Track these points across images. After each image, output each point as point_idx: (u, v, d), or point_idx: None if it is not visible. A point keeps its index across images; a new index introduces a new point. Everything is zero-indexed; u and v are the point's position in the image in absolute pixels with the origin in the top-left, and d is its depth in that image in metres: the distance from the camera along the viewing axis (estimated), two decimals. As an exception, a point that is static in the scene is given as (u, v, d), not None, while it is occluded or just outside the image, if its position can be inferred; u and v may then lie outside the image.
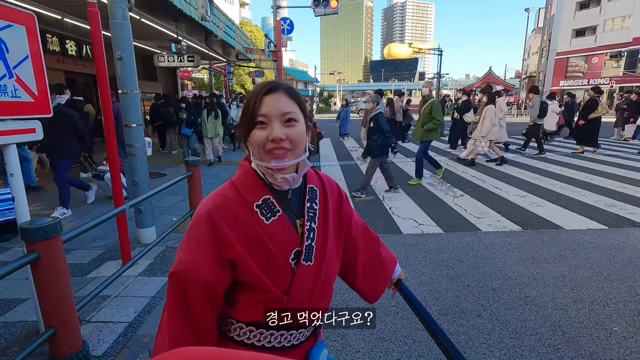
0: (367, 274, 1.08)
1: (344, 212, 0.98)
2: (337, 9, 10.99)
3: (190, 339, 0.78)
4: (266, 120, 0.79)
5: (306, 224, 0.86)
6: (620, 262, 3.25)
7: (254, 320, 0.83)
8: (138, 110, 3.55)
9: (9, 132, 1.86)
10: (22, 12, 1.89)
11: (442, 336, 0.90)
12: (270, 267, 0.81)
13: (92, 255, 3.45)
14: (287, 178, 0.82)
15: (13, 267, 1.47)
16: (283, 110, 0.80)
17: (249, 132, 0.82)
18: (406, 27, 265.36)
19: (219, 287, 0.79)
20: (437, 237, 3.92)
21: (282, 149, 0.79)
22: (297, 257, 0.84)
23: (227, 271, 0.79)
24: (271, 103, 0.80)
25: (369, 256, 1.08)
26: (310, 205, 0.89)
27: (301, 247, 0.85)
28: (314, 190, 0.92)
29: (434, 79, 31.71)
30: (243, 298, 0.83)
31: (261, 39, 24.18)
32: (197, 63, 9.53)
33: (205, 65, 16.55)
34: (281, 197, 0.86)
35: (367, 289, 1.09)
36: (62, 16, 7.01)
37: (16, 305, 2.61)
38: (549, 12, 39.92)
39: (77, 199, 5.21)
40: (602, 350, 2.11)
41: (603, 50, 31.63)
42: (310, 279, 0.85)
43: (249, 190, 0.83)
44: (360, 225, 1.08)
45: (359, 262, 1.05)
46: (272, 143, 0.78)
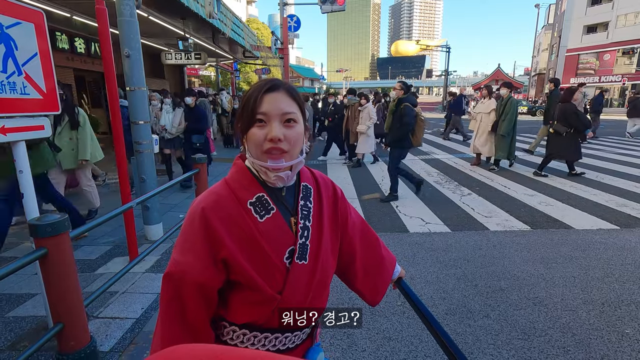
0: (367, 275, 1.06)
1: (339, 211, 0.96)
2: (344, 6, 10.94)
3: (185, 341, 0.77)
4: (265, 118, 0.78)
5: (300, 222, 0.85)
6: (632, 262, 3.19)
7: (247, 322, 0.81)
8: (145, 107, 3.57)
9: (19, 129, 1.87)
10: (31, 10, 1.90)
11: (442, 333, 0.89)
12: (264, 266, 0.79)
13: (100, 252, 3.49)
14: (282, 176, 0.81)
15: (22, 263, 1.49)
16: (283, 110, 0.78)
17: (248, 130, 0.80)
18: (413, 24, 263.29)
19: (213, 287, 0.78)
20: (445, 236, 3.88)
21: (279, 150, 0.77)
22: (292, 256, 0.82)
23: (220, 270, 0.78)
24: (272, 102, 0.78)
25: (368, 256, 1.06)
26: (304, 204, 0.87)
27: (295, 246, 0.83)
28: (308, 188, 0.90)
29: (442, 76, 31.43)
30: (236, 298, 0.81)
31: (268, 36, 24.16)
32: (204, 60, 9.57)
33: (212, 63, 16.61)
34: (276, 195, 0.84)
35: (367, 290, 1.07)
36: (71, 14, 7.08)
37: (26, 300, 2.65)
38: (559, 8, 39.29)
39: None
40: (614, 353, 2.06)
41: (615, 46, 31.06)
42: (304, 279, 0.84)
43: (243, 188, 0.82)
44: (359, 224, 1.06)
45: (357, 262, 1.03)
46: (270, 143, 0.77)
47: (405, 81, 5.34)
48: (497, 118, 6.80)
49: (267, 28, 33.01)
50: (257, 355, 0.36)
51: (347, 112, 7.77)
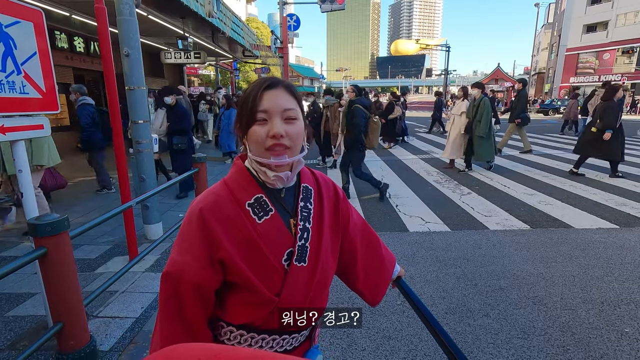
0: (368, 276, 1.05)
1: (341, 212, 0.96)
2: (343, 5, 10.94)
3: (183, 340, 0.77)
4: (266, 116, 0.78)
5: (299, 223, 0.84)
6: (631, 262, 3.19)
7: (244, 322, 0.81)
8: (145, 106, 3.57)
9: (18, 128, 1.87)
10: (30, 9, 1.89)
11: (442, 333, 0.88)
12: (262, 268, 0.79)
13: (100, 251, 3.49)
14: (281, 176, 0.80)
15: (22, 262, 1.49)
16: (284, 107, 0.78)
17: (248, 128, 0.79)
18: (413, 23, 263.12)
19: (210, 287, 0.78)
20: (444, 235, 3.88)
21: (281, 146, 0.77)
22: (290, 258, 0.82)
23: (218, 271, 0.78)
24: (272, 98, 0.78)
25: (369, 257, 1.05)
26: (305, 205, 0.86)
27: (294, 248, 0.82)
28: (309, 189, 0.89)
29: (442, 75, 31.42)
30: (233, 299, 0.81)
31: (267, 35, 24.14)
32: (204, 60, 9.56)
33: (211, 62, 16.58)
34: (274, 196, 0.84)
35: (368, 291, 1.06)
36: (71, 13, 7.07)
37: (26, 299, 2.64)
38: (559, 7, 39.26)
39: (85, 194, 5.26)
40: (613, 352, 2.07)
41: (615, 46, 31.04)
42: (303, 281, 0.83)
43: (242, 188, 0.81)
44: (360, 225, 1.05)
45: (358, 262, 1.02)
46: (272, 139, 0.77)
47: (358, 84, 5.41)
48: (470, 120, 6.49)
49: (267, 27, 32.98)
50: (256, 355, 0.35)
51: (326, 113, 7.44)
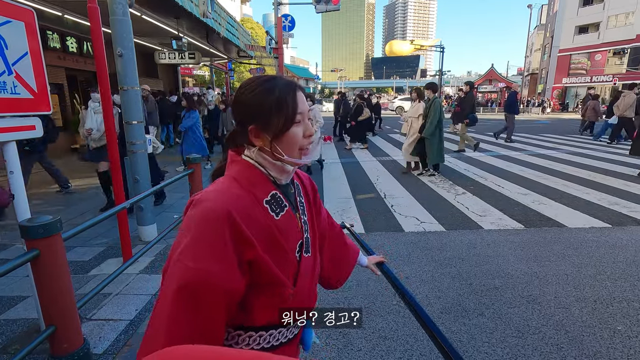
0: (333, 262, 1.12)
1: (317, 203, 1.03)
2: (338, 6, 10.95)
3: None
4: (300, 117, 0.81)
5: (302, 216, 0.89)
6: (623, 260, 3.23)
7: (265, 323, 0.81)
8: (139, 107, 3.54)
9: (9, 129, 1.85)
10: (21, 8, 1.87)
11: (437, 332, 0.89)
12: (284, 263, 0.82)
13: (94, 253, 3.45)
14: (290, 172, 0.86)
15: (14, 265, 1.46)
16: (308, 107, 0.84)
17: (285, 130, 0.79)
18: (408, 24, 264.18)
19: (240, 292, 0.73)
20: (439, 235, 3.90)
21: (311, 145, 0.84)
22: (301, 250, 0.87)
23: (245, 273, 0.74)
24: (302, 100, 0.82)
25: (334, 245, 1.14)
26: (300, 199, 0.92)
27: (302, 239, 0.87)
28: (297, 184, 0.95)
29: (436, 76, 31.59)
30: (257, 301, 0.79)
31: (262, 35, 24.08)
32: (198, 60, 9.51)
33: (206, 63, 16.51)
34: (285, 192, 0.87)
35: (333, 276, 1.13)
36: (63, 13, 7.00)
37: (17, 302, 2.61)
38: (551, 8, 39.65)
39: (78, 196, 5.21)
40: (606, 349, 2.09)
41: (606, 47, 31.39)
42: (310, 270, 0.89)
43: (256, 186, 0.81)
44: (326, 215, 1.14)
45: (325, 252, 1.09)
46: (308, 139, 0.82)
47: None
48: (424, 121, 6.44)
49: (262, 27, 32.92)
50: (256, 356, 0.35)
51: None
